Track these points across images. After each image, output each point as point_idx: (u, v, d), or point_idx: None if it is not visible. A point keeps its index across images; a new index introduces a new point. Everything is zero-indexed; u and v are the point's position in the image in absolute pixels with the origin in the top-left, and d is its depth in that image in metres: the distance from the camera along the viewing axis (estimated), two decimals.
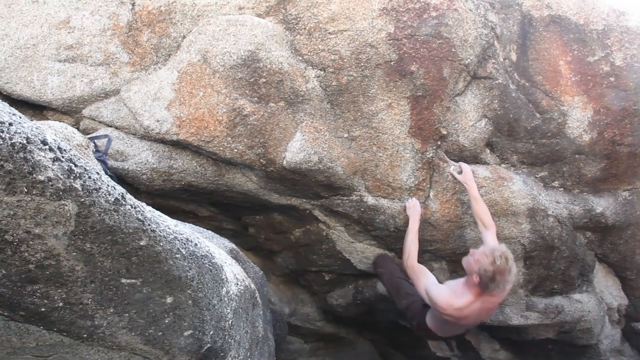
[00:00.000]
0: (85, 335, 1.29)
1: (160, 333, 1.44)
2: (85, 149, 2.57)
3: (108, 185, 1.22)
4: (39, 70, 3.29)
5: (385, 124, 3.33)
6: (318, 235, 3.89)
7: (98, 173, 1.21)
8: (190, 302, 1.51)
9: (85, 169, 1.16)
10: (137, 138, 3.31)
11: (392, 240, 3.77)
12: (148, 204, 1.49)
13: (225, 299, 1.78)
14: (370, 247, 3.92)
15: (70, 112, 3.38)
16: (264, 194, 3.53)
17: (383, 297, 4.18)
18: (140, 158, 3.25)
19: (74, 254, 1.16)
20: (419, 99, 3.32)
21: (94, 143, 2.88)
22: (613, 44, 3.66)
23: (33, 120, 1.32)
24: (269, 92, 3.13)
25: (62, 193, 1.09)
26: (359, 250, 3.93)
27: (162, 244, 1.37)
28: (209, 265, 1.66)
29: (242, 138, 3.14)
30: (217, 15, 3.20)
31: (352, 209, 3.54)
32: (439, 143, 3.51)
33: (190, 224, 2.48)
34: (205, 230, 2.67)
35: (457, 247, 3.78)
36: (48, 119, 3.31)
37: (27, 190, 1.03)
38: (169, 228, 1.46)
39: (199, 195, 3.60)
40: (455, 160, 3.59)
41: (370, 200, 3.49)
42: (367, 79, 3.22)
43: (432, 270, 3.53)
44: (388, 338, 5.43)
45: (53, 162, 1.07)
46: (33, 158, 1.03)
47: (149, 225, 1.33)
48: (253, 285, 2.38)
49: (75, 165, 1.13)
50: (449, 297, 2.97)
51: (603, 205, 4.00)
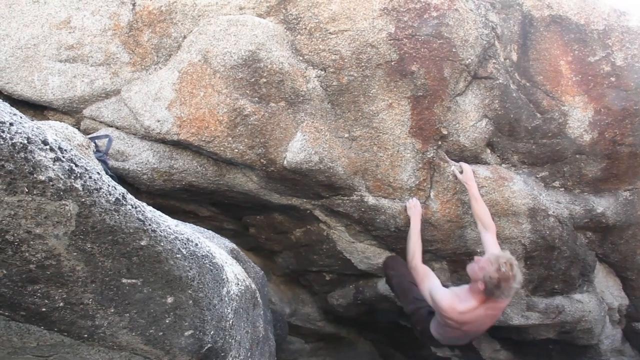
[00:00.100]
0: (86, 335, 1.29)
1: (161, 333, 1.44)
2: (86, 149, 2.57)
3: (109, 185, 1.22)
4: (40, 71, 3.30)
5: (386, 124, 3.33)
6: (319, 235, 3.89)
7: (99, 173, 1.21)
8: (191, 302, 1.51)
9: (86, 169, 1.16)
10: (137, 138, 3.31)
11: (392, 240, 3.77)
12: (149, 204, 1.49)
13: (226, 299, 1.78)
14: (371, 247, 3.92)
15: (71, 112, 3.39)
16: (265, 194, 3.53)
17: (383, 297, 4.17)
18: (141, 158, 3.25)
19: (75, 254, 1.16)
20: (420, 99, 3.32)
21: (95, 143, 2.89)
22: (614, 44, 3.66)
23: (34, 121, 1.31)
24: (270, 92, 3.13)
25: (62, 193, 1.09)
26: (360, 250, 3.92)
27: (162, 244, 1.37)
28: (210, 265, 1.66)
29: (242, 138, 3.14)
30: (217, 15, 3.20)
31: (352, 209, 3.54)
32: (440, 143, 3.50)
33: (191, 224, 2.48)
34: (206, 230, 2.67)
35: (457, 247, 3.78)
36: (49, 119, 3.31)
37: (27, 190, 1.03)
38: (170, 228, 1.46)
39: (200, 195, 3.60)
40: (456, 160, 3.59)
41: (371, 200, 3.49)
42: (367, 79, 3.22)
43: (432, 270, 3.52)
44: (388, 338, 5.43)
45: (54, 162, 1.07)
46: (34, 158, 1.03)
47: (150, 225, 1.33)
48: (254, 285, 2.38)
49: (76, 165, 1.13)
50: (453, 300, 2.98)
51: (604, 205, 4.00)
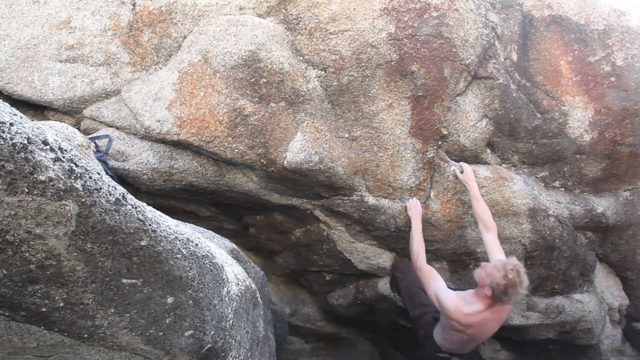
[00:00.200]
0: (86, 336, 1.29)
1: (161, 333, 1.44)
2: (86, 149, 2.57)
3: (109, 186, 1.22)
4: (40, 71, 3.30)
5: (386, 124, 3.33)
6: (319, 236, 3.89)
7: (99, 173, 1.21)
8: (191, 302, 1.51)
9: (86, 169, 1.16)
10: (137, 138, 3.31)
11: (392, 240, 3.77)
12: (149, 204, 1.49)
13: (226, 299, 1.78)
14: (371, 247, 3.92)
15: (71, 112, 3.39)
16: (265, 194, 3.53)
17: (384, 297, 4.17)
18: (141, 158, 3.25)
19: (75, 254, 1.16)
20: (420, 99, 3.32)
21: (95, 143, 2.89)
22: (614, 44, 3.66)
23: (34, 121, 1.32)
24: (270, 92, 3.13)
25: (63, 193, 1.09)
26: (360, 250, 3.92)
27: (163, 244, 1.37)
28: (210, 266, 1.66)
29: (242, 138, 3.14)
30: (217, 16, 3.20)
31: (352, 209, 3.54)
32: (440, 143, 3.50)
33: (191, 224, 2.48)
34: (206, 231, 2.67)
35: (457, 247, 3.78)
36: (49, 119, 3.31)
37: (28, 191, 1.03)
38: (170, 228, 1.46)
39: (200, 196, 3.60)
40: (456, 161, 3.59)
41: (371, 200, 3.49)
42: (367, 79, 3.22)
43: None
44: (389, 338, 5.43)
45: (54, 162, 1.07)
46: (34, 158, 1.03)
47: (150, 226, 1.33)
48: (254, 286, 2.38)
49: (76, 166, 1.13)
50: (459, 302, 3.01)
51: (604, 205, 4.00)
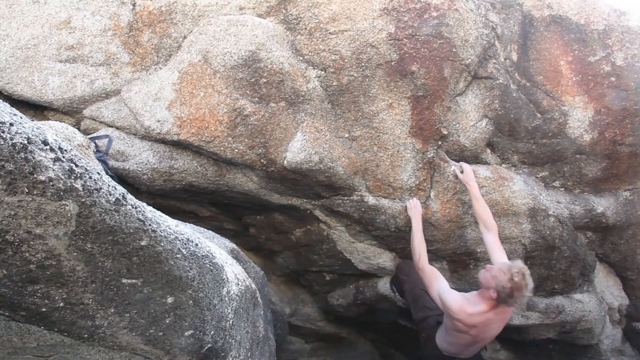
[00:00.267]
0: (86, 336, 1.29)
1: (161, 333, 1.44)
2: (86, 149, 2.58)
3: (109, 186, 1.22)
4: (40, 71, 3.30)
5: (386, 124, 3.33)
6: (319, 236, 3.89)
7: (99, 173, 1.21)
8: (191, 302, 1.51)
9: (86, 169, 1.16)
10: (137, 138, 3.31)
11: (393, 240, 3.77)
12: (149, 204, 1.49)
13: (226, 299, 1.78)
14: (371, 247, 3.92)
15: (71, 112, 3.39)
16: (265, 194, 3.53)
17: (384, 297, 4.17)
18: (141, 158, 3.25)
19: (75, 254, 1.16)
20: (420, 99, 3.32)
21: (95, 143, 2.89)
22: (614, 44, 3.66)
23: (34, 121, 1.32)
24: (270, 92, 3.13)
25: (63, 193, 1.09)
26: (360, 250, 3.92)
27: (163, 244, 1.37)
28: (210, 266, 1.66)
29: (242, 138, 3.14)
30: (217, 16, 3.20)
31: (352, 209, 3.54)
32: (440, 143, 3.50)
33: (191, 224, 2.48)
34: (206, 231, 2.67)
35: (457, 247, 3.78)
36: (49, 120, 3.31)
37: (28, 191, 1.03)
38: (170, 228, 1.46)
39: (200, 196, 3.60)
40: (456, 161, 3.59)
41: (371, 200, 3.49)
42: (367, 79, 3.22)
43: None
44: (389, 338, 5.42)
45: (54, 162, 1.07)
46: (34, 158, 1.03)
47: (150, 226, 1.33)
48: (254, 285, 2.38)
49: (76, 166, 1.13)
50: (463, 303, 3.04)
51: (604, 205, 4.00)
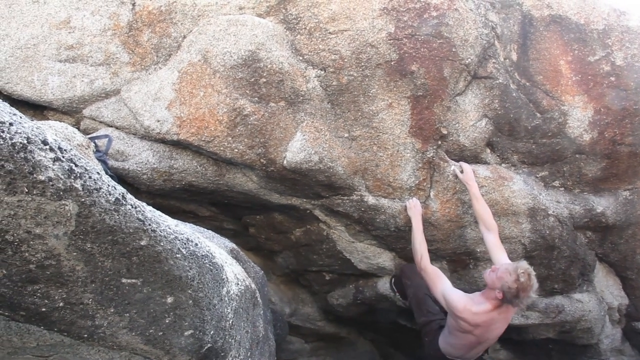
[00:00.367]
0: (86, 335, 1.29)
1: (161, 333, 1.44)
2: (86, 149, 2.57)
3: (108, 185, 1.22)
4: (40, 71, 3.29)
5: (386, 124, 3.33)
6: (318, 235, 3.89)
7: (98, 173, 1.21)
8: (191, 302, 1.51)
9: (86, 169, 1.16)
10: (137, 138, 3.31)
11: (392, 240, 3.77)
12: (148, 204, 1.49)
13: (226, 299, 1.78)
14: (371, 246, 3.92)
15: (71, 112, 3.39)
16: (265, 194, 3.53)
17: (383, 296, 4.17)
18: (141, 158, 3.25)
19: (75, 254, 1.16)
20: (420, 99, 3.32)
21: (95, 143, 2.89)
22: (614, 44, 3.66)
23: (33, 121, 1.31)
24: (270, 92, 3.13)
25: (62, 193, 1.08)
26: (360, 250, 3.92)
27: (162, 244, 1.37)
28: (210, 265, 1.66)
29: (242, 138, 3.14)
30: (217, 15, 3.20)
31: (352, 209, 3.54)
32: (440, 143, 3.50)
33: (191, 224, 2.48)
34: (206, 230, 2.67)
35: (457, 246, 3.78)
36: (48, 119, 3.31)
37: (27, 190, 1.03)
38: (170, 228, 1.46)
39: (200, 195, 3.60)
40: (456, 160, 3.59)
41: (371, 200, 3.49)
42: (367, 79, 3.22)
43: None
44: (389, 338, 5.43)
45: (54, 162, 1.07)
46: (33, 158, 1.03)
47: (150, 225, 1.33)
48: (253, 285, 2.38)
49: (76, 165, 1.13)
50: (467, 302, 3.06)
51: (603, 205, 4.00)
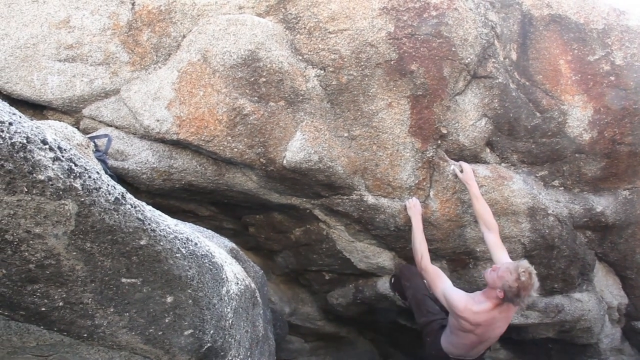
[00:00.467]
0: (86, 335, 1.29)
1: (161, 332, 1.44)
2: (86, 149, 2.57)
3: (108, 185, 1.22)
4: (39, 70, 3.29)
5: (386, 123, 3.33)
6: (318, 235, 3.89)
7: (98, 172, 1.21)
8: (191, 301, 1.51)
9: (86, 169, 1.16)
10: (137, 137, 3.31)
11: (392, 240, 3.77)
12: (148, 204, 1.49)
13: (226, 299, 1.78)
14: (371, 246, 3.92)
15: (71, 111, 3.38)
16: (264, 194, 3.53)
17: (383, 296, 4.18)
18: (141, 157, 3.25)
19: (74, 254, 1.16)
20: (419, 98, 3.32)
21: (94, 142, 2.89)
22: (613, 43, 3.66)
23: (33, 120, 1.32)
24: (269, 91, 3.13)
25: (62, 192, 1.08)
26: (359, 250, 3.93)
27: (162, 244, 1.37)
28: (209, 265, 1.66)
29: (242, 137, 3.14)
30: (217, 15, 3.20)
31: (352, 208, 3.54)
32: (439, 142, 3.50)
33: (191, 224, 2.48)
34: (206, 230, 2.67)
35: (457, 246, 3.78)
36: (48, 119, 3.31)
37: (27, 190, 1.03)
38: (169, 227, 1.46)
39: (199, 195, 3.60)
40: (456, 160, 3.59)
41: (371, 200, 3.49)
42: (367, 78, 3.22)
43: None
44: (388, 337, 5.43)
45: (53, 161, 1.07)
46: (33, 157, 1.03)
47: (149, 225, 1.33)
48: (253, 285, 2.39)
49: (76, 165, 1.13)
50: (468, 301, 3.07)
51: (603, 205, 4.00)
